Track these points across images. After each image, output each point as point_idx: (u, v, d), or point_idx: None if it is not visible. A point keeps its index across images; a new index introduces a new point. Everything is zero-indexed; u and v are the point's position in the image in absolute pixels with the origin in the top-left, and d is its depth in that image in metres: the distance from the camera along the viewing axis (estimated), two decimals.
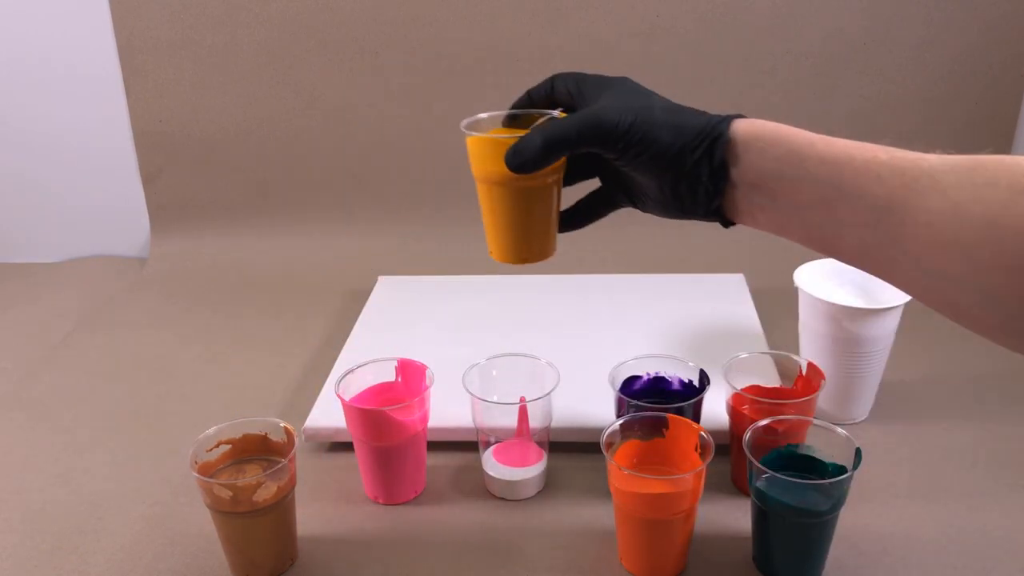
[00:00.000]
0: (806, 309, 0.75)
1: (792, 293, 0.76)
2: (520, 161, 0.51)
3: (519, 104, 0.56)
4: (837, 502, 0.57)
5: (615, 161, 0.52)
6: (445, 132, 1.13)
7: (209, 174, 1.17)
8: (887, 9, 1.05)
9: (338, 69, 1.11)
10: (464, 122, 0.56)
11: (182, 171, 1.17)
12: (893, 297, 0.71)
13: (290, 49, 1.10)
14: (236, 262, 1.16)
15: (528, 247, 0.56)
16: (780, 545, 0.59)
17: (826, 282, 0.76)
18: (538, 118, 0.54)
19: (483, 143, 0.53)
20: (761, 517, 0.60)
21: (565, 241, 0.59)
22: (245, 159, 1.16)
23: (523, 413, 0.66)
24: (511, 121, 0.57)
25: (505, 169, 0.51)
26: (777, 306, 0.90)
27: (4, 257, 1.24)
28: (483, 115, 0.57)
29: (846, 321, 0.71)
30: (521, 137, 0.51)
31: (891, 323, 0.72)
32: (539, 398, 0.66)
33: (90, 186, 1.20)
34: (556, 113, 0.54)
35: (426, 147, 1.14)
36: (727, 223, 0.52)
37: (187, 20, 1.09)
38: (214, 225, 1.18)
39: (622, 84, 0.54)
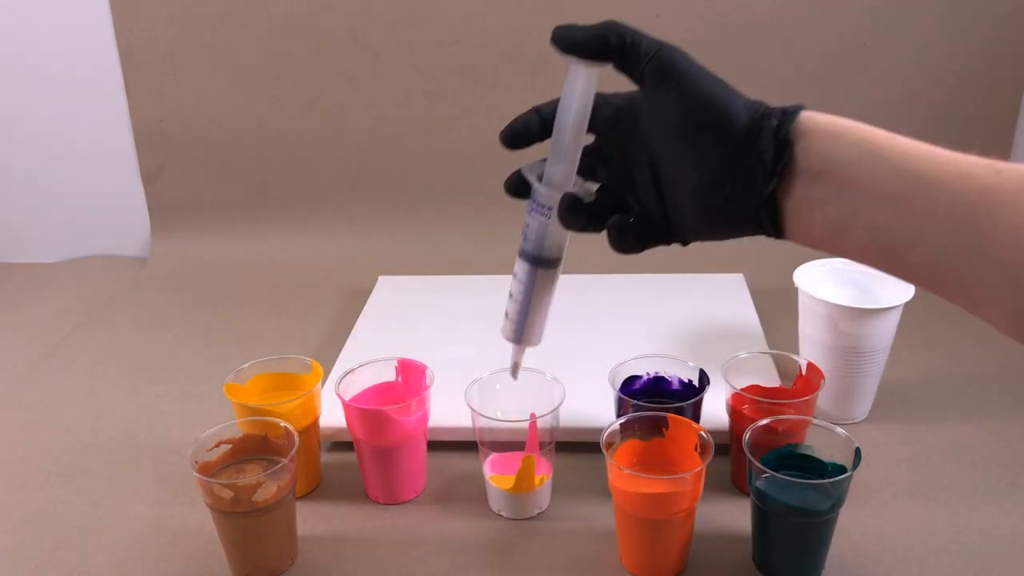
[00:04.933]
0: (806, 309, 0.75)
1: (792, 293, 0.76)
2: (570, 39, 0.47)
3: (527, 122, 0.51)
4: (837, 502, 0.57)
5: (636, 79, 0.46)
6: (445, 132, 1.14)
7: (209, 174, 1.17)
8: (888, 10, 1.05)
9: (338, 69, 1.11)
10: None
11: (182, 171, 1.17)
12: (893, 297, 0.71)
13: (290, 49, 1.10)
14: (236, 262, 1.16)
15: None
16: (780, 545, 0.59)
17: (826, 282, 0.76)
18: None
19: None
20: (761, 517, 0.60)
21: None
22: (245, 159, 1.16)
23: (533, 429, 0.66)
24: None
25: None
26: (777, 306, 0.90)
27: (4, 257, 1.24)
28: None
29: (846, 321, 0.71)
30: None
31: (891, 323, 0.72)
32: (547, 414, 0.65)
33: (90, 186, 1.20)
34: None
35: (426, 147, 1.14)
36: (778, 228, 0.44)
37: (187, 20, 1.09)
38: (214, 225, 1.18)
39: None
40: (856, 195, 0.41)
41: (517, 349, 0.56)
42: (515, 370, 0.57)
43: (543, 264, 0.52)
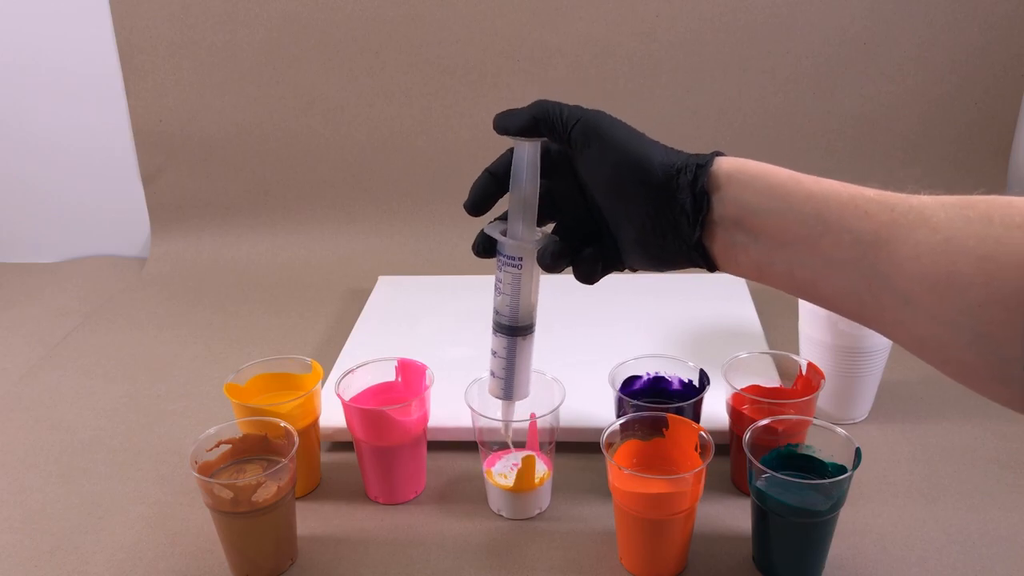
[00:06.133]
0: (806, 309, 0.75)
1: None
2: (505, 125, 0.52)
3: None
4: (837, 502, 0.57)
5: (568, 150, 0.51)
6: (445, 132, 1.14)
7: (209, 174, 1.17)
8: (887, 9, 1.05)
9: (338, 69, 1.11)
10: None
11: (182, 171, 1.17)
12: None
13: (290, 49, 1.10)
14: (236, 262, 1.16)
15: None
16: (780, 545, 0.59)
17: None
18: None
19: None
20: (761, 517, 0.60)
21: None
22: (245, 159, 1.16)
23: (533, 429, 0.66)
24: None
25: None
26: (777, 306, 0.90)
27: (4, 257, 1.24)
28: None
29: (846, 321, 0.71)
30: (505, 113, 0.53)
31: None
32: (547, 414, 0.65)
33: (90, 186, 1.20)
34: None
35: (426, 147, 1.14)
36: (711, 265, 0.50)
37: (187, 20, 1.09)
38: (214, 225, 1.18)
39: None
40: (769, 239, 0.46)
41: (507, 405, 0.60)
42: (507, 428, 0.61)
43: (520, 333, 0.58)
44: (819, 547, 0.59)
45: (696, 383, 0.69)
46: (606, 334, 0.88)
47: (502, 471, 0.67)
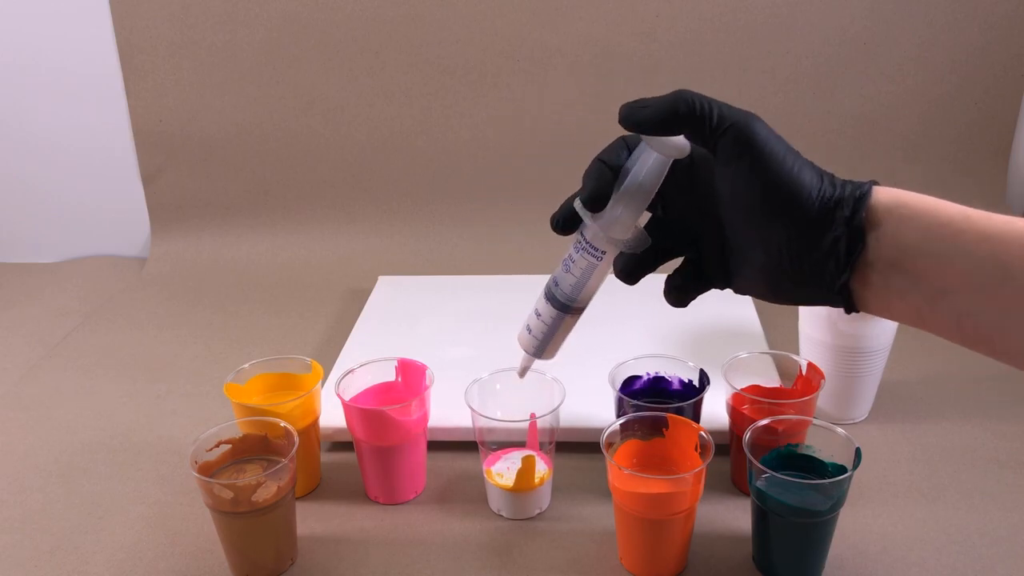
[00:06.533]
0: (806, 309, 0.75)
1: None
2: (636, 119, 0.43)
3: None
4: (837, 502, 0.57)
5: (709, 149, 0.44)
6: (445, 132, 1.14)
7: (209, 174, 1.17)
8: (888, 9, 1.05)
9: (338, 69, 1.11)
10: None
11: (182, 171, 1.17)
12: None
13: (290, 49, 1.10)
14: (236, 262, 1.16)
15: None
16: (780, 545, 0.59)
17: None
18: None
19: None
20: (761, 517, 0.60)
21: (566, 241, 0.59)
22: (245, 159, 1.16)
23: (533, 429, 0.66)
24: None
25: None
26: (777, 306, 0.90)
27: (4, 257, 1.24)
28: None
29: (846, 321, 0.71)
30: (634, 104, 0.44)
31: (891, 323, 0.72)
32: (547, 414, 0.65)
33: (90, 186, 1.20)
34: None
35: (426, 147, 1.14)
36: (852, 307, 0.43)
37: (187, 20, 1.09)
38: (214, 225, 1.18)
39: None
40: (934, 285, 0.40)
41: (529, 359, 0.57)
42: (523, 372, 0.58)
43: (571, 312, 0.53)
44: (819, 547, 0.59)
45: (696, 383, 0.69)
46: (606, 334, 0.88)
47: (502, 472, 0.67)
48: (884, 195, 0.41)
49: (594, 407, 0.72)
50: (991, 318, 0.39)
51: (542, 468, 0.67)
